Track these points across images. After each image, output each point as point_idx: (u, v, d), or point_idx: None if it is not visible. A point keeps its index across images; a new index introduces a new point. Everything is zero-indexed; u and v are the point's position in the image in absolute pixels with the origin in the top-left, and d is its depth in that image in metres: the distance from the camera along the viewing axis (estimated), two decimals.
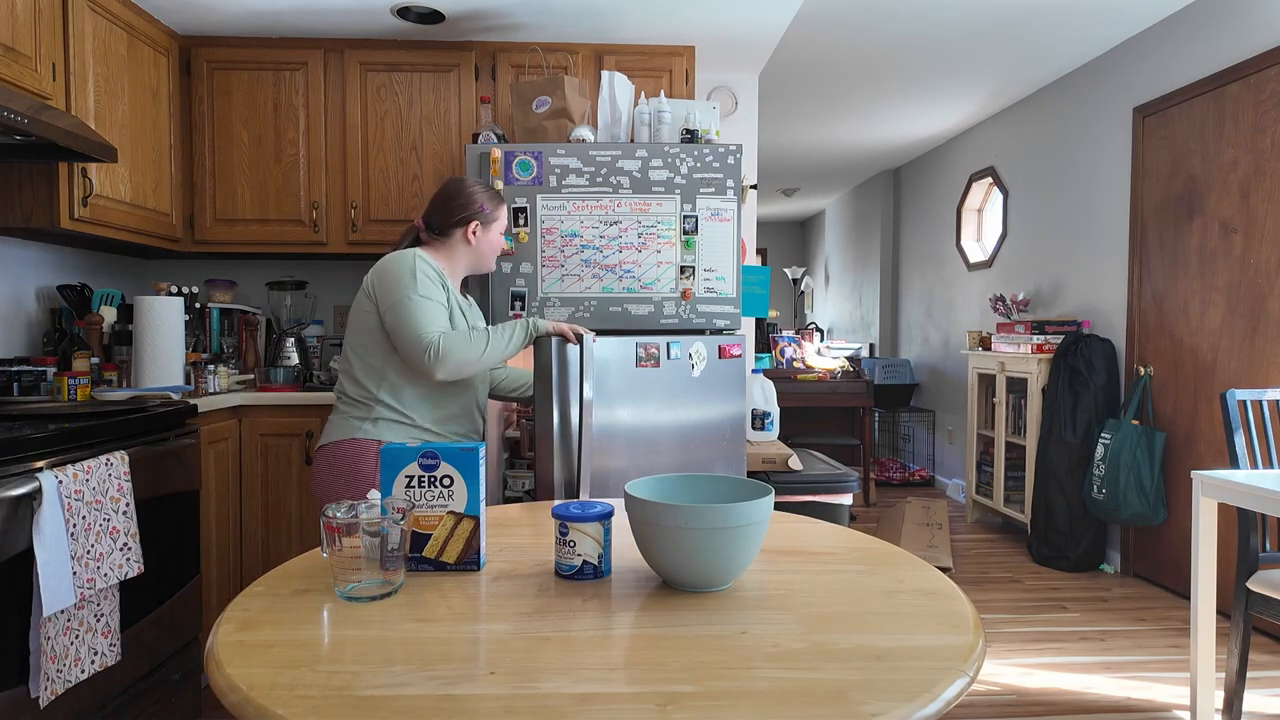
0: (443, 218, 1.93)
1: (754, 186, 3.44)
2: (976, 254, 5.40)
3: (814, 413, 5.62)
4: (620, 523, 1.46)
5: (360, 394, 1.84)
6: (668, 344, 2.47)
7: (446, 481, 1.18)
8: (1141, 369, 3.64)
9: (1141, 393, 3.57)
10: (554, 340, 2.34)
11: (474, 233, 1.93)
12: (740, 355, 2.55)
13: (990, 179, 5.13)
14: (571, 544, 1.15)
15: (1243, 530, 2.18)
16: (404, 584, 1.13)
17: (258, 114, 3.07)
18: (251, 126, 3.08)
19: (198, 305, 3.08)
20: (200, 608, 2.40)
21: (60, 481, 1.67)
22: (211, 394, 2.66)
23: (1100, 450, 3.56)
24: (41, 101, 2.11)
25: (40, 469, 1.68)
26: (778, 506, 2.77)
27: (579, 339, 2.11)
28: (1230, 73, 3.12)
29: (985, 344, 4.64)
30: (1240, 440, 2.29)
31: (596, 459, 2.46)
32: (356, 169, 3.10)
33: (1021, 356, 4.15)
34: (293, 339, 3.10)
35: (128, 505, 1.89)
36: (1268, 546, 2.24)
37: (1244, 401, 2.33)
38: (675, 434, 2.55)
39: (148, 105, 2.81)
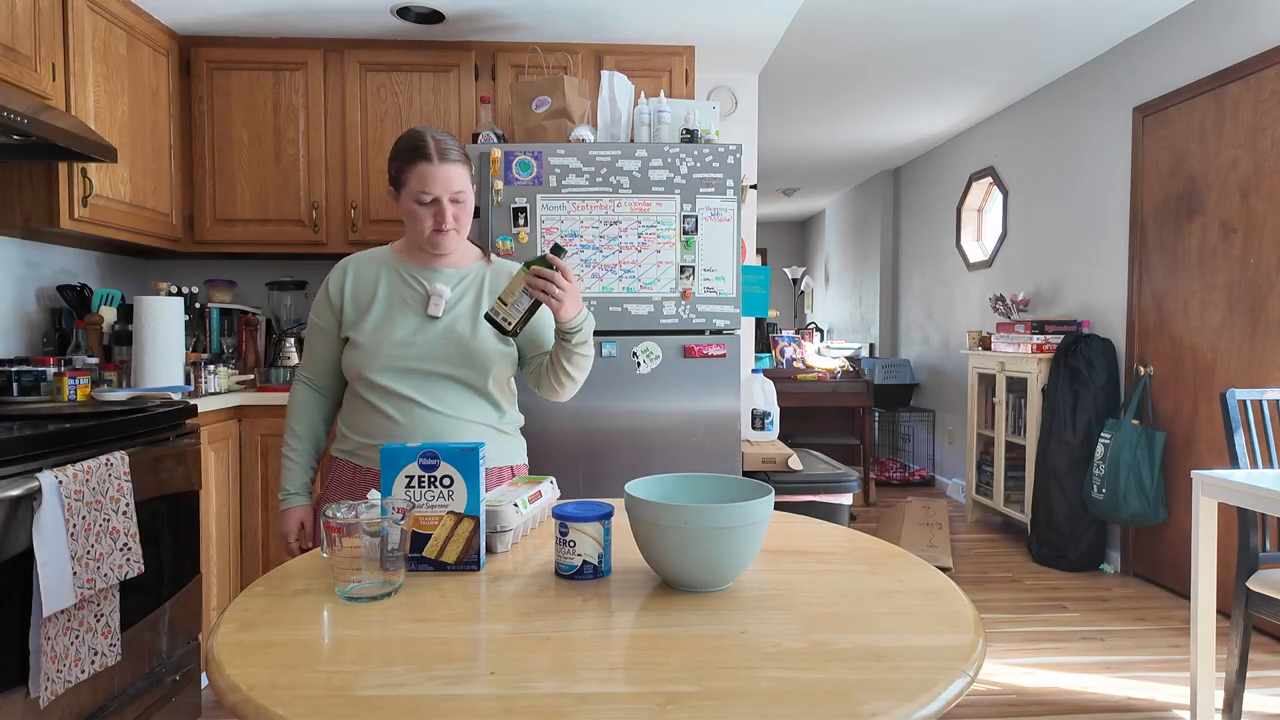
0: None
1: (754, 186, 3.44)
2: (976, 254, 5.40)
3: (814, 413, 5.62)
4: (620, 523, 1.46)
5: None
6: (599, 343, 2.50)
7: (446, 481, 1.18)
8: (1141, 369, 3.64)
9: (1141, 392, 3.57)
10: None
11: (397, 199, 1.58)
12: (724, 355, 2.54)
13: (990, 179, 5.13)
14: (571, 544, 1.15)
15: (1243, 530, 2.18)
16: (404, 584, 1.13)
17: (257, 114, 3.07)
18: (251, 126, 3.08)
19: (198, 305, 3.07)
20: (200, 608, 2.40)
21: (60, 482, 1.67)
22: (211, 394, 2.66)
23: (1100, 450, 3.56)
24: (41, 102, 2.11)
25: (40, 469, 1.68)
26: (778, 506, 2.77)
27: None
28: (1230, 73, 3.12)
29: (985, 344, 4.64)
30: (1240, 440, 2.29)
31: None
32: (356, 169, 3.10)
33: (1021, 356, 4.14)
34: (292, 339, 3.10)
35: (128, 505, 1.89)
36: (1268, 546, 2.24)
37: (1244, 401, 2.33)
38: (658, 433, 2.55)
39: (147, 105, 2.81)
